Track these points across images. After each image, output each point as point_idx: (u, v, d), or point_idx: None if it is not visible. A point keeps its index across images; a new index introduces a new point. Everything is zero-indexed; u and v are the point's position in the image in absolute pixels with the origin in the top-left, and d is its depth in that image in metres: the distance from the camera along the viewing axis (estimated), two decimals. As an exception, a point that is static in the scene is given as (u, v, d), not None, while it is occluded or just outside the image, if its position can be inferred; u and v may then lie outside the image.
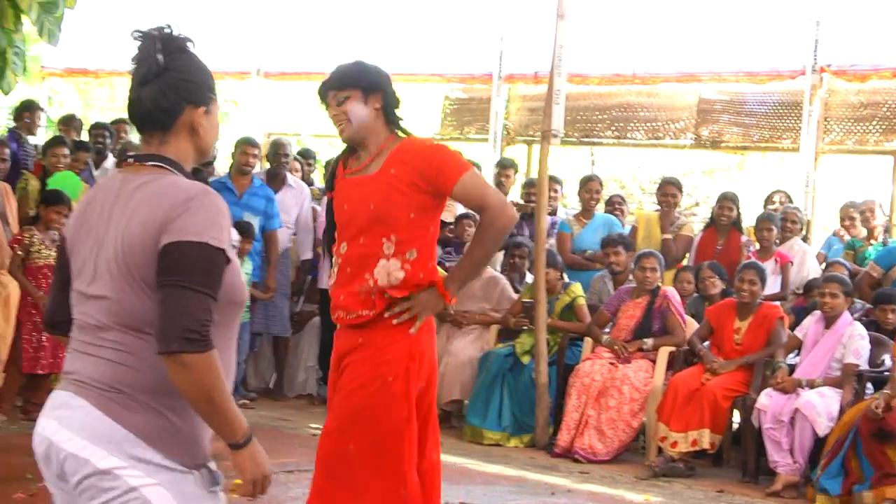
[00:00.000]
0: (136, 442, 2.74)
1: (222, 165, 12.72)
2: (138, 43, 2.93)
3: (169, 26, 2.95)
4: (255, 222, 10.31)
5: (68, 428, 2.78)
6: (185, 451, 2.81)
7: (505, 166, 12.04)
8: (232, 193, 10.43)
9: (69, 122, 12.53)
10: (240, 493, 2.86)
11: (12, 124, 12.29)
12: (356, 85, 4.39)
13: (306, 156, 12.78)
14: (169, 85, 2.91)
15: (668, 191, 10.98)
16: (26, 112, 11.84)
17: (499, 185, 11.88)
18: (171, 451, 2.77)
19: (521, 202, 11.42)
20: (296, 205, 11.01)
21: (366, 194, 4.37)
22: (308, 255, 11.19)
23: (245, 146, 10.86)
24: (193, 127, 2.96)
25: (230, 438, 2.79)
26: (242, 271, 3.97)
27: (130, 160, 2.94)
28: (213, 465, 2.89)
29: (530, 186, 11.49)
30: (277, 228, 10.63)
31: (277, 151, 11.12)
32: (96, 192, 2.98)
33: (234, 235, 9.47)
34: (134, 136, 11.83)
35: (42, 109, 12.62)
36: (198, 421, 2.80)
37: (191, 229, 2.73)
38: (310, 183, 12.04)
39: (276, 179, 10.99)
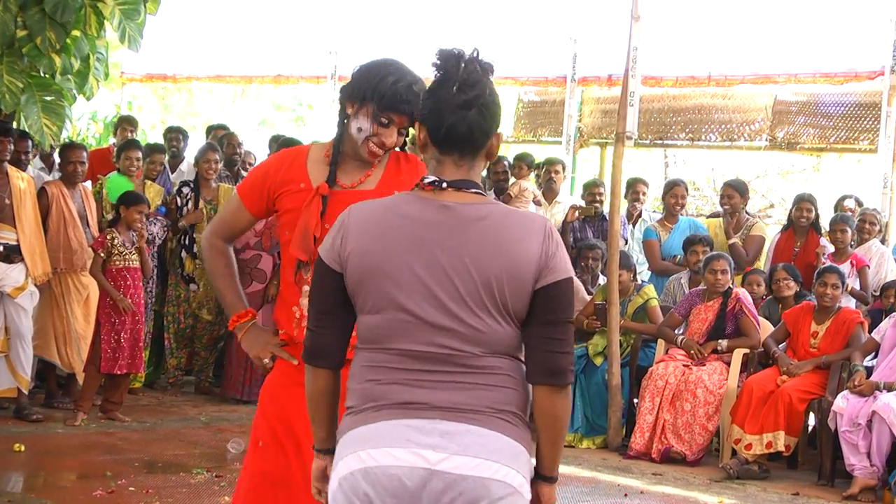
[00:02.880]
0: (525, 454, 2.85)
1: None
2: (446, 63, 2.91)
3: (476, 50, 2.95)
4: None
5: (465, 454, 2.75)
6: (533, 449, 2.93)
7: (553, 163, 11.94)
8: None
9: (132, 122, 12.57)
10: None
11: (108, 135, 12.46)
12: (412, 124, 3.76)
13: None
14: (488, 109, 2.91)
15: (727, 192, 10.88)
16: (126, 124, 12.12)
17: (548, 181, 11.74)
18: (533, 452, 2.91)
19: (583, 204, 11.31)
20: None
21: None
22: None
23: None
24: (491, 150, 2.96)
25: (555, 469, 2.96)
26: None
27: (444, 185, 2.88)
28: None
29: (593, 187, 11.42)
30: None
31: None
32: (392, 215, 2.88)
33: None
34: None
35: (137, 123, 12.84)
36: None
37: (566, 266, 2.86)
38: None
39: None
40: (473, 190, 2.88)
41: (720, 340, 9.22)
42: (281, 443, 3.78)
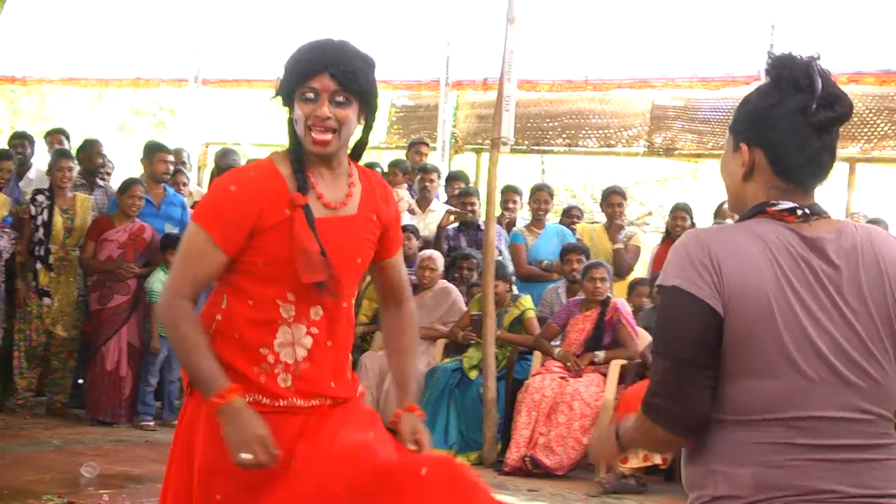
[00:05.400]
0: None
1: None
2: (792, 73, 2.51)
3: (818, 53, 2.55)
4: (176, 232, 10.17)
5: None
6: None
7: (428, 170, 11.94)
8: (151, 205, 10.50)
9: None
10: None
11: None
12: (362, 93, 3.36)
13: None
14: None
15: (614, 200, 11.08)
16: None
17: (422, 189, 11.77)
18: None
19: (457, 210, 11.36)
20: None
21: (351, 242, 3.48)
22: None
23: (161, 153, 10.94)
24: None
25: None
26: None
27: (808, 214, 2.53)
28: None
29: (465, 196, 11.46)
30: None
31: None
32: (771, 247, 2.49)
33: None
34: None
35: None
36: None
37: None
38: None
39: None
40: (830, 217, 2.59)
41: (597, 352, 9.37)
42: (252, 486, 3.35)
